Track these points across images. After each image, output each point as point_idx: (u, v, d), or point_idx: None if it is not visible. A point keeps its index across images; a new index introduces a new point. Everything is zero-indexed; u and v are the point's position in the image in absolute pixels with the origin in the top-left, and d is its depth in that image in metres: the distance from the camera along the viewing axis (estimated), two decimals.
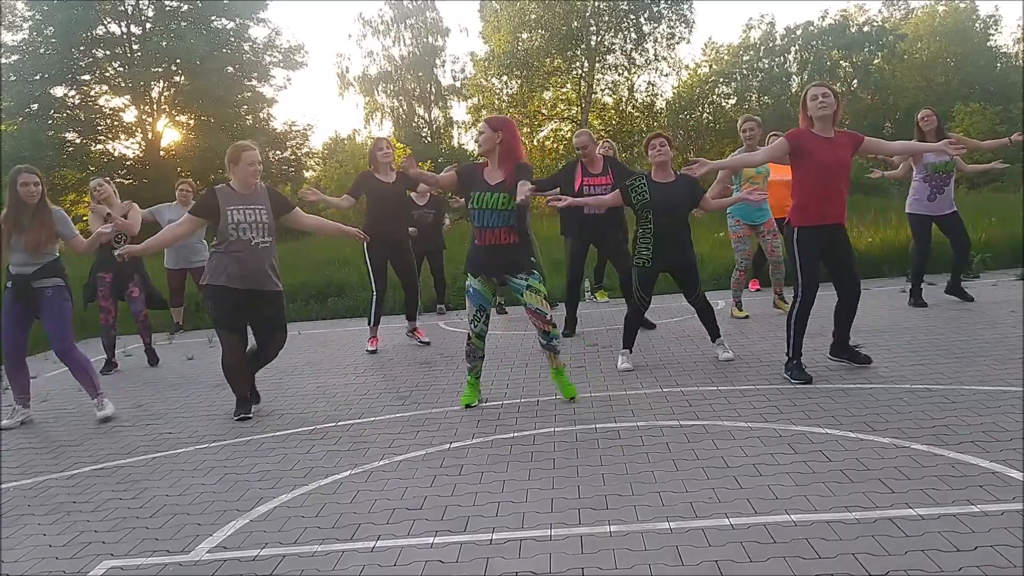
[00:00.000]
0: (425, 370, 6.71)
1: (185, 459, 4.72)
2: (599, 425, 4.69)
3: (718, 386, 5.39)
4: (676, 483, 3.66)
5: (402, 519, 3.51)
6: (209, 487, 4.17)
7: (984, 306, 7.64)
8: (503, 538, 3.23)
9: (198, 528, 3.62)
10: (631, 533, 3.17)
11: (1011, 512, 3.06)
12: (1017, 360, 5.42)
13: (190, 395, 6.49)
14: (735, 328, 7.44)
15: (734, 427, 4.44)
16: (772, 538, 3.01)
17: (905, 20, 45.31)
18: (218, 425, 5.46)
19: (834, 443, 4.03)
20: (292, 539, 3.39)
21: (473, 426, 4.90)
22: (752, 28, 42.70)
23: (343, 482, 4.06)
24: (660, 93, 40.56)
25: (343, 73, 44.53)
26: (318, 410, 5.63)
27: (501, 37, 37.73)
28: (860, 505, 3.24)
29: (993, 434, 3.97)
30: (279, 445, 4.83)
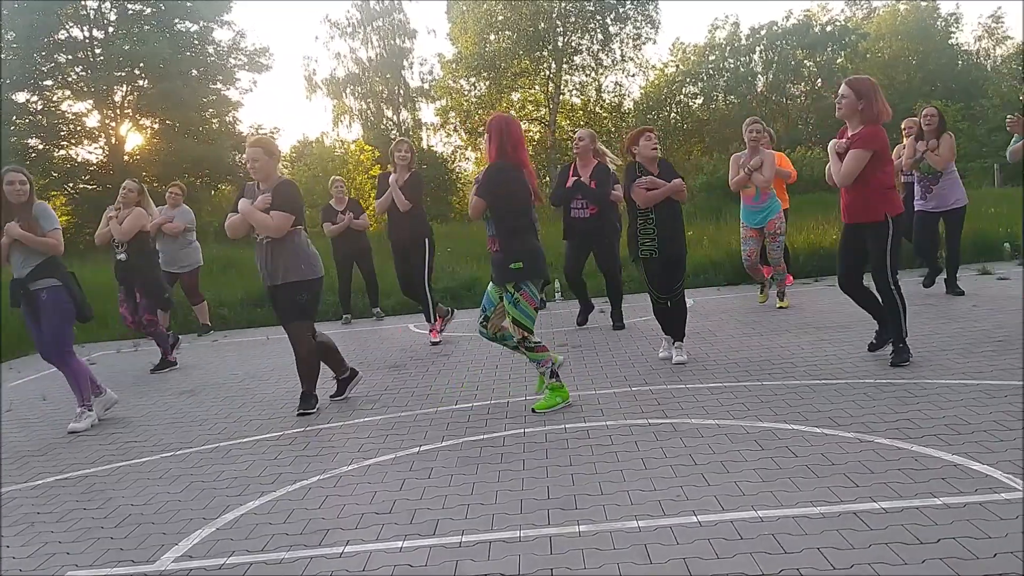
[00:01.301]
0: (394, 373, 6.68)
1: (150, 468, 4.66)
2: (568, 425, 4.70)
3: (687, 384, 5.42)
4: (645, 481, 3.68)
5: (371, 523, 3.49)
6: (175, 496, 4.12)
7: (945, 301, 7.77)
8: (472, 540, 3.22)
9: (163, 537, 3.57)
10: (600, 532, 3.18)
11: (972, 504, 3.11)
12: (977, 354, 5.51)
13: (156, 403, 6.41)
14: (703, 325, 7.49)
15: (702, 425, 4.47)
16: (739, 535, 3.03)
17: (867, 19, 45.90)
18: (184, 433, 5.39)
19: (800, 439, 4.07)
20: (259, 547, 3.36)
21: (443, 429, 4.89)
22: (717, 28, 43.05)
23: (311, 488, 4.03)
24: (628, 93, 40.81)
25: (310, 76, 44.24)
26: (287, 415, 5.59)
27: (468, 39, 37.73)
28: (825, 500, 3.28)
29: (955, 427, 4.03)
30: (246, 452, 4.79)
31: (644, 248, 5.93)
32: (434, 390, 5.91)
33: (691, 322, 7.53)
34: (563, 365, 5.35)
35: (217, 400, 6.29)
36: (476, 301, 10.36)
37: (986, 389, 4.64)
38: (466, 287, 10.96)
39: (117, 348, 9.47)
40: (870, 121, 5.23)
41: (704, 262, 11.00)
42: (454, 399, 5.59)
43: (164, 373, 7.69)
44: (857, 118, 5.28)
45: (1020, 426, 3.96)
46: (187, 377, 7.37)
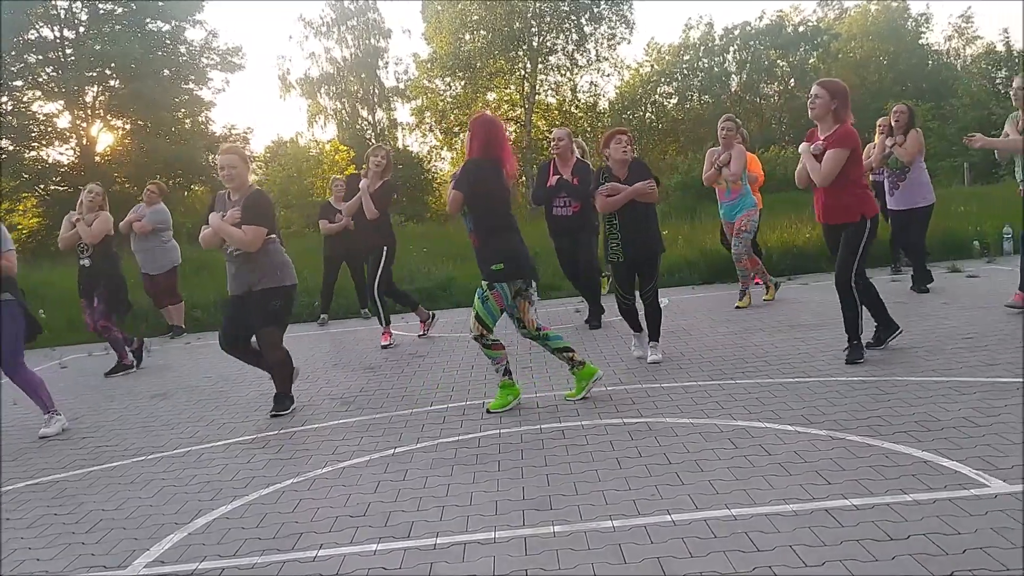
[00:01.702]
0: (369, 375, 6.65)
1: (122, 472, 4.61)
2: (544, 425, 4.70)
3: (661, 383, 5.44)
4: (619, 481, 3.69)
5: (345, 527, 3.47)
6: (146, 500, 4.07)
7: (916, 298, 7.85)
8: (447, 542, 3.21)
9: (135, 543, 3.54)
10: (575, 533, 3.18)
11: (942, 500, 3.14)
12: (948, 351, 5.58)
13: (127, 407, 6.34)
14: (677, 324, 7.52)
15: (676, 423, 4.49)
16: (713, 533, 3.05)
17: (839, 20, 46.37)
18: (155, 436, 5.34)
19: (773, 437, 4.10)
20: (231, 551, 3.33)
21: (418, 430, 4.87)
22: (692, 28, 43.32)
23: (285, 491, 4.00)
24: (603, 93, 40.95)
25: (284, 75, 43.98)
26: (260, 418, 5.54)
27: (443, 38, 37.69)
28: (797, 497, 3.30)
29: (925, 424, 4.07)
30: (219, 455, 4.75)
31: (611, 251, 6.01)
32: (409, 391, 5.90)
33: (666, 321, 7.55)
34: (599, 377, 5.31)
35: (189, 403, 6.23)
36: (453, 301, 10.38)
37: (955, 386, 4.70)
38: (442, 287, 10.94)
39: (88, 352, 9.36)
40: (842, 121, 5.29)
41: (679, 261, 11.05)
42: (429, 400, 5.58)
43: (129, 376, 7.63)
44: (830, 118, 5.33)
45: (989, 422, 4.01)
46: (159, 380, 7.30)
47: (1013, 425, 3.92)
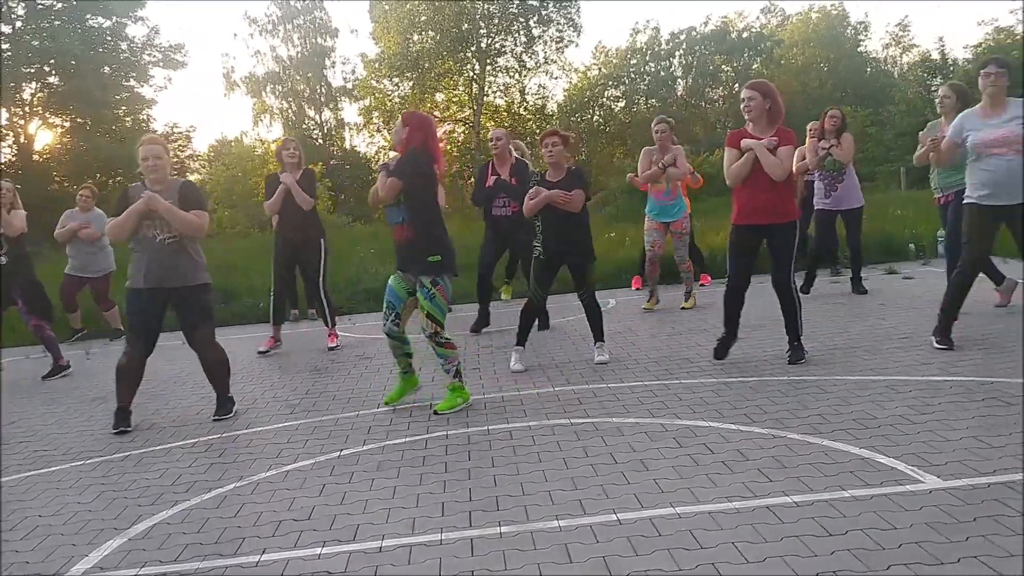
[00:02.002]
0: (315, 377, 6.58)
1: (60, 477, 4.49)
2: (492, 426, 4.70)
3: (608, 383, 5.48)
4: (566, 481, 3.71)
5: (289, 531, 3.43)
6: (85, 505, 3.97)
7: (854, 299, 8.05)
8: (392, 545, 3.19)
9: (73, 549, 3.44)
10: (521, 533, 3.19)
11: (879, 496, 3.22)
12: (885, 351, 5.72)
13: (66, 410, 6.17)
14: (624, 325, 7.59)
15: (623, 423, 4.53)
16: (657, 531, 3.08)
17: (781, 27, 47.28)
18: (95, 441, 5.21)
19: (717, 435, 4.16)
20: (172, 556, 3.26)
21: (364, 433, 4.83)
22: (639, 33, 43.75)
23: (227, 495, 3.94)
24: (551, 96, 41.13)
25: (228, 73, 43.29)
26: (202, 421, 5.45)
27: (392, 38, 37.50)
28: (740, 495, 3.35)
29: (863, 422, 4.17)
30: (160, 459, 4.65)
31: (535, 248, 6.12)
32: (356, 393, 5.85)
33: (612, 322, 7.64)
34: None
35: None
36: None
37: (892, 384, 4.82)
38: None
39: (26, 354, 9.09)
40: (777, 120, 5.41)
41: (625, 263, 11.14)
42: (376, 402, 5.54)
43: (68, 379, 7.44)
44: (765, 118, 5.43)
45: (923, 420, 4.12)
46: (99, 384, 7.11)
47: (946, 422, 4.04)
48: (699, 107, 42.47)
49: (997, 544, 2.75)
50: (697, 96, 42.55)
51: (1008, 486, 3.21)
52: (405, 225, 5.08)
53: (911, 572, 2.62)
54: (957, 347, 5.55)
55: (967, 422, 4.03)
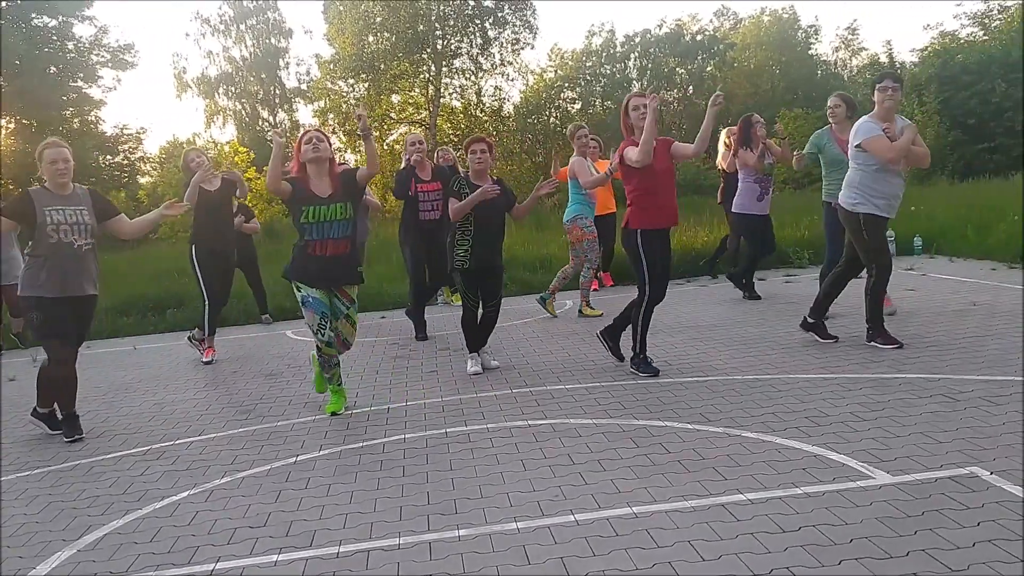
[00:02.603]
0: (270, 382, 6.50)
1: (5, 488, 4.37)
2: (450, 429, 4.69)
3: (565, 384, 5.50)
4: (524, 483, 3.71)
5: (244, 538, 3.38)
6: (32, 517, 3.88)
7: (807, 300, 8.15)
8: (350, 550, 3.17)
9: (20, 561, 3.36)
10: (479, 536, 3.18)
11: (831, 493, 3.28)
12: (835, 349, 5.82)
13: (10, 419, 6.01)
14: (580, 327, 7.62)
15: (580, 424, 4.55)
16: (615, 531, 3.10)
17: (734, 30, 47.89)
18: (42, 450, 5.09)
19: (672, 435, 4.19)
20: (123, 567, 3.20)
21: (321, 438, 4.79)
22: (594, 35, 43.96)
23: (180, 503, 3.87)
24: (508, 98, 41.12)
25: (180, 74, 42.59)
26: (154, 428, 5.35)
27: (346, 39, 37.17)
28: (696, 493, 3.39)
29: (815, 419, 4.24)
30: (110, 468, 4.55)
31: (458, 258, 5.94)
32: (312, 398, 5.78)
33: (567, 324, 7.68)
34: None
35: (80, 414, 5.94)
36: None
37: (843, 383, 4.91)
38: None
39: None
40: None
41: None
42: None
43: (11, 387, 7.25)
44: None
45: (873, 417, 4.20)
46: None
47: (896, 419, 4.13)
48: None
49: (944, 537, 2.81)
50: None
51: (955, 480, 3.30)
52: (349, 238, 5.13)
53: (862, 567, 2.67)
54: (907, 345, 5.67)
55: (915, 418, 4.12)
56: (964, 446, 3.67)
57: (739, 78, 42.59)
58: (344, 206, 5.04)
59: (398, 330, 8.47)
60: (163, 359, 8.09)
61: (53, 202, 5.03)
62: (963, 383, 4.66)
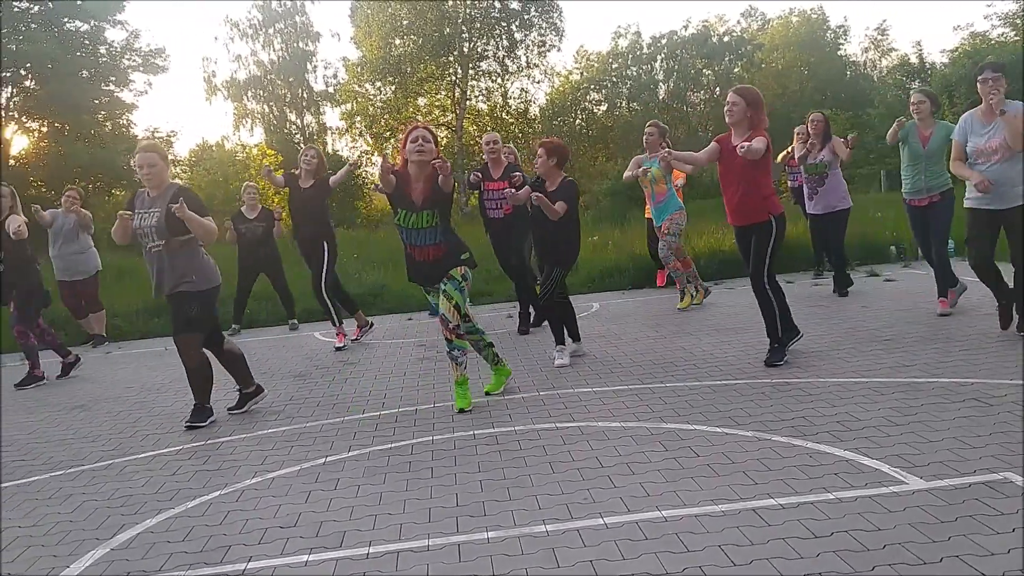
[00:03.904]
0: (299, 383, 6.55)
1: (39, 487, 4.44)
2: (477, 431, 4.70)
3: (593, 387, 5.49)
4: (552, 485, 3.71)
5: (275, 538, 3.41)
6: (66, 516, 3.93)
7: (838, 302, 8.10)
8: (380, 551, 3.18)
9: (54, 560, 3.41)
10: (508, 538, 3.18)
11: (863, 498, 3.24)
12: (867, 353, 5.76)
13: (45, 419, 6.11)
14: (608, 329, 7.60)
15: (608, 427, 4.53)
16: (644, 535, 3.09)
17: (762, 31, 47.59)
18: (76, 450, 5.16)
19: (702, 439, 4.17)
20: (156, 566, 3.24)
21: (349, 439, 4.82)
22: (620, 36, 43.88)
23: (212, 503, 3.91)
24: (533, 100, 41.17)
25: (210, 77, 43.04)
26: (185, 429, 5.40)
27: (373, 43, 37.41)
28: (726, 498, 3.37)
29: (847, 424, 4.20)
30: (143, 468, 4.61)
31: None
32: (340, 399, 5.82)
33: (596, 325, 7.67)
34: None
35: (111, 415, 6.04)
36: (384, 308, 10.29)
37: (875, 387, 4.86)
38: (373, 293, 10.84)
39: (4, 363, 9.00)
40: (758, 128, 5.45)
41: (609, 266, 11.18)
42: (361, 408, 5.52)
43: (46, 387, 7.37)
44: (745, 124, 5.48)
45: (906, 421, 4.16)
46: (79, 391, 7.06)
47: (929, 424, 4.08)
48: (681, 110, 42.64)
49: (979, 543, 2.77)
50: (679, 100, 42.71)
51: (988, 485, 3.25)
52: (438, 244, 5.11)
53: (895, 572, 2.64)
54: (938, 349, 5.61)
55: (948, 423, 4.06)
56: (998, 451, 3.62)
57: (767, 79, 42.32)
58: (431, 214, 5.03)
59: (425, 332, 8.51)
60: None
61: (140, 205, 5.30)
62: (996, 388, 4.59)
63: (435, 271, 5.18)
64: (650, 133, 8.05)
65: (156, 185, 5.28)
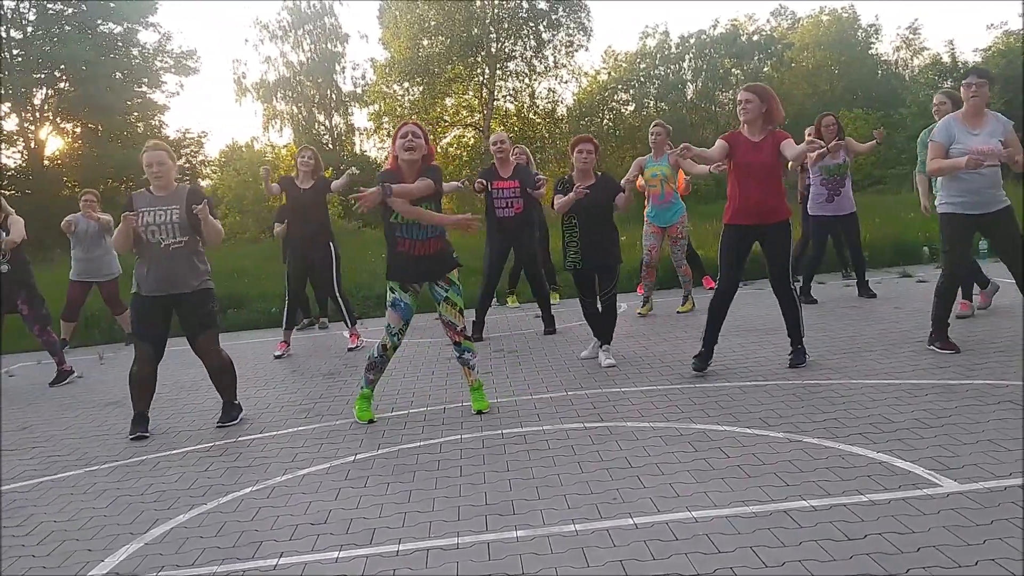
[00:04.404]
0: (329, 381, 6.60)
1: (74, 482, 4.51)
2: (506, 431, 4.71)
3: (621, 387, 5.47)
4: (581, 485, 3.71)
5: (306, 534, 3.44)
6: (100, 511, 3.99)
7: (869, 303, 8.01)
8: (409, 548, 3.20)
9: (88, 554, 3.46)
10: (537, 537, 3.19)
11: (897, 500, 3.21)
12: (900, 355, 5.70)
13: (79, 415, 6.21)
14: (637, 329, 7.58)
15: (637, 427, 4.52)
16: (674, 535, 3.08)
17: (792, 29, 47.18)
18: (110, 445, 5.23)
19: (732, 439, 4.15)
20: (189, 561, 3.28)
21: (379, 437, 4.84)
22: (648, 36, 43.69)
23: (244, 499, 3.95)
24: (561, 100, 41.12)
25: (240, 79, 43.45)
26: (216, 426, 5.46)
27: (401, 43, 37.57)
28: (757, 499, 3.35)
29: (880, 426, 4.15)
30: (175, 464, 4.67)
31: (569, 259, 6.13)
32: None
33: (624, 325, 7.64)
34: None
35: None
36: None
37: (908, 388, 4.80)
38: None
39: (37, 360, 9.14)
40: (773, 124, 5.48)
41: (637, 266, 11.10)
42: (390, 406, 5.55)
43: (82, 384, 7.47)
44: (760, 121, 5.45)
45: (940, 424, 4.10)
46: (113, 388, 7.15)
47: (963, 426, 4.03)
48: (709, 110, 42.39)
49: (1014, 546, 2.74)
50: (707, 99, 42.46)
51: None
52: (439, 236, 5.10)
53: (929, 575, 2.61)
54: (972, 350, 5.53)
55: (983, 425, 4.01)
56: None
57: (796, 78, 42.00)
58: (428, 207, 5.00)
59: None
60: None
61: (148, 203, 5.25)
62: None
63: (438, 265, 5.12)
64: (657, 133, 8.03)
65: (164, 184, 5.28)
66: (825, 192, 8.13)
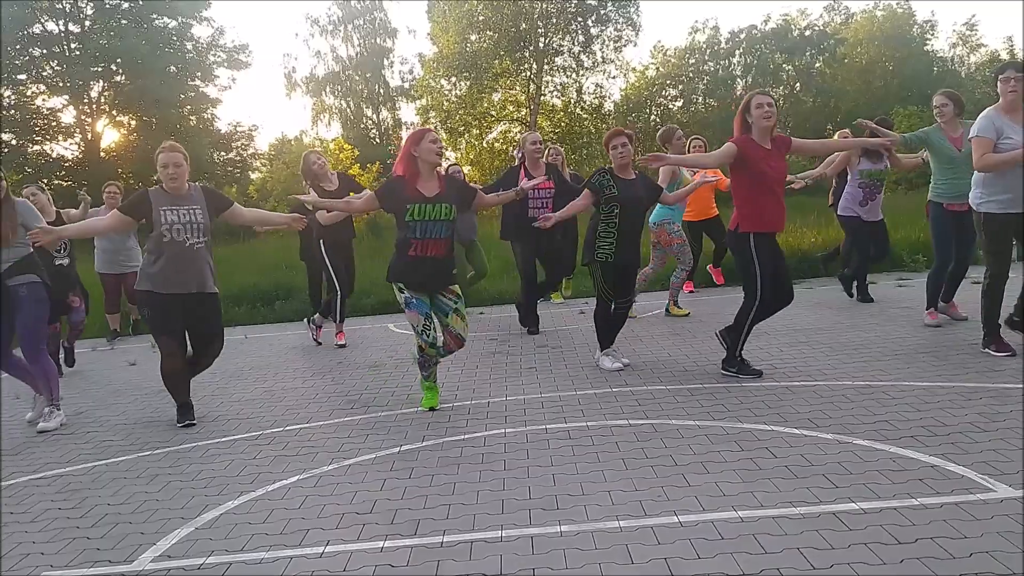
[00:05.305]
0: (374, 373, 6.65)
1: (127, 467, 4.62)
2: (549, 426, 4.70)
3: (666, 385, 5.44)
4: (626, 482, 3.69)
5: (351, 523, 3.48)
6: (153, 495, 4.08)
7: (921, 305, 7.83)
8: (454, 540, 3.22)
9: (141, 537, 3.54)
10: (581, 533, 3.18)
11: (949, 505, 3.15)
12: (954, 357, 5.58)
13: (132, 401, 6.35)
14: (680, 327, 7.52)
15: (682, 425, 4.49)
16: (720, 534, 3.05)
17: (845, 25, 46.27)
18: (162, 431, 5.35)
19: (779, 439, 4.10)
20: (239, 546, 3.34)
21: (423, 429, 4.87)
22: (697, 31, 43.22)
23: (291, 487, 4.01)
24: (608, 95, 40.88)
25: (290, 73, 44.03)
26: (265, 415, 5.55)
27: (449, 38, 37.64)
28: (804, 500, 3.30)
29: (932, 429, 4.07)
30: (225, 451, 4.75)
31: (601, 251, 5.84)
32: (414, 390, 5.89)
33: (667, 324, 7.60)
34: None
35: (195, 399, 6.18)
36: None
37: (961, 391, 4.70)
38: None
39: (92, 346, 9.38)
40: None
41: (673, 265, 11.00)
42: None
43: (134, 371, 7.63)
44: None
45: (994, 428, 4.01)
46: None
47: (1017, 430, 3.93)
48: None
49: None
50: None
51: None
52: (449, 239, 5.16)
53: None
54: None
55: None
56: None
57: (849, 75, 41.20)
58: (449, 207, 5.06)
59: (496, 326, 8.55)
60: (271, 348, 8.39)
61: (168, 202, 5.26)
62: None
63: (443, 268, 5.16)
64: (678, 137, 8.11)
65: (179, 186, 5.29)
66: (861, 194, 7.90)
